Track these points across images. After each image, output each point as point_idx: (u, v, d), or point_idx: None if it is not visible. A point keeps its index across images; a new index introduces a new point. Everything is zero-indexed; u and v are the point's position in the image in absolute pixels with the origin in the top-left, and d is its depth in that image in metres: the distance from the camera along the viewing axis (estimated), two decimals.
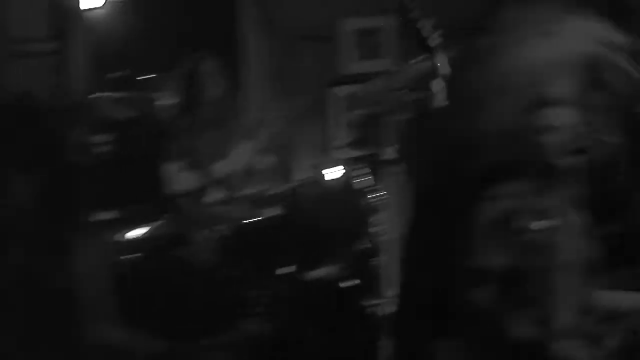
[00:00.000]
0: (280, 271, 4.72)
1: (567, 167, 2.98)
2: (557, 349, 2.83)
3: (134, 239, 4.64)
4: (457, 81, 2.76)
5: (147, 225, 4.55)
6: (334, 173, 4.83)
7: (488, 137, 2.64)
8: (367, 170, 5.00)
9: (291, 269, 4.76)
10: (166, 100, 5.75)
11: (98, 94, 6.10)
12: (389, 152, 6.01)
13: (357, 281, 4.55)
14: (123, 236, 4.72)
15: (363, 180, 4.90)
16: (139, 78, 6.87)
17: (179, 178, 5.08)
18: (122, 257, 4.75)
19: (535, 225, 2.95)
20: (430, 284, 2.71)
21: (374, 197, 4.95)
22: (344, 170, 4.88)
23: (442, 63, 3.37)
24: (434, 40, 3.45)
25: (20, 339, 4.36)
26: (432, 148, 2.96)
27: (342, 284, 4.50)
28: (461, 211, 2.94)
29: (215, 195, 5.15)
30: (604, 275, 3.25)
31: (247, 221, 4.87)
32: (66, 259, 4.64)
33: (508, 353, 2.49)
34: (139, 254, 4.80)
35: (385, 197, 5.18)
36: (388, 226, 5.81)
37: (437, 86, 3.36)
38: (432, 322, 2.65)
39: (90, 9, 6.13)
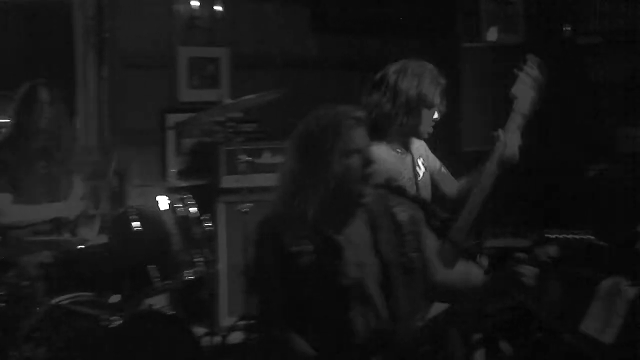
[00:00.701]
0: (109, 300, 4.64)
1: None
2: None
3: None
4: None
5: None
6: (164, 201, 4.79)
7: None
8: (198, 199, 4.98)
9: (116, 297, 4.69)
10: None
11: None
12: (223, 181, 6.03)
13: (174, 312, 4.52)
14: None
15: (193, 209, 4.88)
16: None
17: (7, 209, 4.93)
18: None
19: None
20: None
21: (203, 227, 4.93)
22: (175, 199, 4.85)
23: None
24: None
25: None
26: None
27: (172, 313, 4.46)
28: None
29: (42, 223, 5.01)
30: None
31: (72, 248, 4.77)
32: None
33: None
34: None
35: (214, 226, 5.17)
36: (217, 256, 5.82)
37: None
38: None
39: None
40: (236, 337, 5.51)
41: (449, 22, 7.12)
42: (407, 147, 4.15)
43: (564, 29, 7.02)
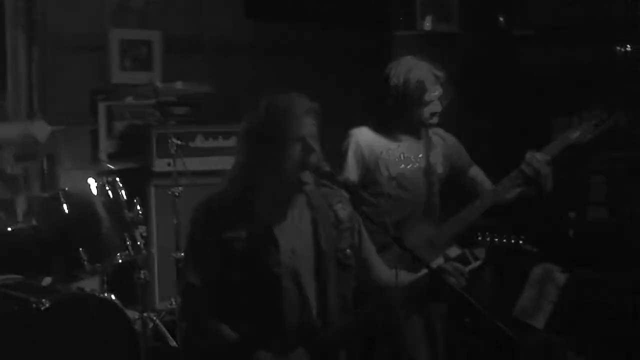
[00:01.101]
0: (40, 282, 4.57)
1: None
2: None
3: None
4: None
5: None
6: (94, 184, 4.74)
7: None
8: (130, 182, 4.94)
9: (47, 280, 4.63)
10: None
11: None
12: (155, 165, 5.98)
13: (105, 294, 4.49)
14: None
15: (123, 192, 4.84)
16: None
17: None
18: None
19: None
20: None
21: (134, 210, 4.89)
22: (105, 181, 4.80)
23: None
24: None
25: None
26: None
27: (103, 296, 4.42)
28: None
29: None
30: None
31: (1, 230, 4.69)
32: None
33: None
34: None
35: (145, 210, 5.13)
36: (148, 239, 5.77)
37: None
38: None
39: None
40: (169, 320, 5.50)
41: (384, 10, 7.12)
42: (413, 135, 4.33)
43: (498, 19, 7.08)
